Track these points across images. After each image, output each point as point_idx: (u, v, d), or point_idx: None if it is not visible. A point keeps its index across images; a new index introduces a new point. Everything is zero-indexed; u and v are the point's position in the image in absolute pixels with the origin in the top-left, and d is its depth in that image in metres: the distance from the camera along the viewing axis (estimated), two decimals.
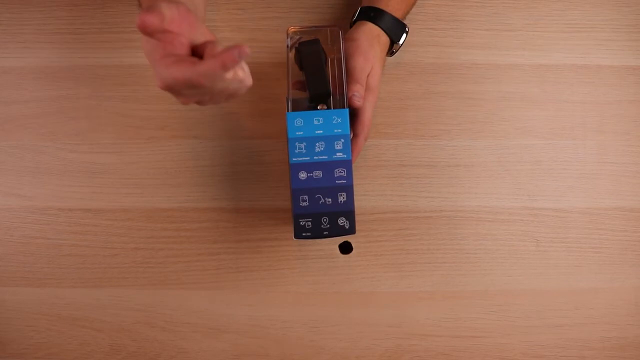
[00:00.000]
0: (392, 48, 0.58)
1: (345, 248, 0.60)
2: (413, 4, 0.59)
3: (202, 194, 0.60)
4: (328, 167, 0.48)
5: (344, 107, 0.49)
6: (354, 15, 0.58)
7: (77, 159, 0.61)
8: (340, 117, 0.48)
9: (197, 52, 0.38)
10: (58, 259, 0.60)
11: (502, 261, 0.60)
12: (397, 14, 0.56)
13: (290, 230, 0.54)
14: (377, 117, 0.61)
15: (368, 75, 0.53)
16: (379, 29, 0.55)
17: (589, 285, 0.60)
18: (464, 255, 0.60)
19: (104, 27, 0.62)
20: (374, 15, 0.55)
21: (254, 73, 0.61)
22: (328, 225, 0.48)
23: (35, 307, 0.59)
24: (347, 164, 0.48)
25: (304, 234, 0.48)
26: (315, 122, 0.48)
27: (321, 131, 0.48)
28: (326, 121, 0.48)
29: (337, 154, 0.48)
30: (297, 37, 0.51)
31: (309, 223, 0.48)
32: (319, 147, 0.48)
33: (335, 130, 0.48)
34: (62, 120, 0.61)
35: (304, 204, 0.48)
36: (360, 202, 0.57)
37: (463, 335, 0.59)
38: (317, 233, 0.48)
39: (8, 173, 0.61)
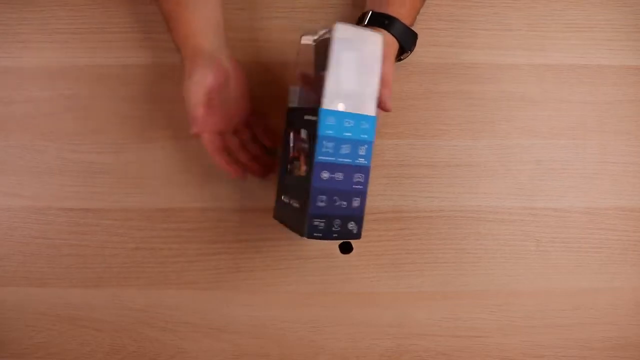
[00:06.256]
0: (401, 55, 0.58)
1: (345, 248, 0.59)
2: (419, 10, 0.59)
3: (202, 194, 0.60)
4: (349, 170, 0.47)
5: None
6: (362, 19, 0.57)
7: (77, 159, 0.61)
8: (368, 124, 0.48)
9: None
10: (58, 259, 0.60)
11: (503, 261, 0.60)
12: (407, 21, 0.56)
13: (290, 230, 0.54)
14: (377, 117, 0.60)
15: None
16: (392, 36, 0.55)
17: (589, 285, 0.60)
18: (464, 255, 0.60)
19: (104, 27, 0.62)
20: (388, 23, 0.55)
21: (254, 73, 0.62)
22: (339, 228, 0.47)
23: (35, 307, 0.59)
24: (366, 171, 0.48)
25: (315, 234, 0.47)
26: (346, 124, 0.47)
27: (350, 134, 0.47)
28: (356, 125, 0.47)
29: (360, 159, 0.47)
30: (324, 31, 0.49)
31: (322, 224, 0.47)
32: (345, 150, 0.47)
33: (362, 136, 0.47)
34: (62, 120, 0.61)
35: (322, 204, 0.46)
36: None
37: (463, 335, 0.59)
38: (327, 234, 0.47)
39: (8, 173, 0.61)
